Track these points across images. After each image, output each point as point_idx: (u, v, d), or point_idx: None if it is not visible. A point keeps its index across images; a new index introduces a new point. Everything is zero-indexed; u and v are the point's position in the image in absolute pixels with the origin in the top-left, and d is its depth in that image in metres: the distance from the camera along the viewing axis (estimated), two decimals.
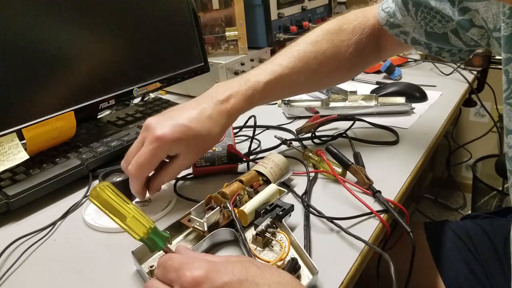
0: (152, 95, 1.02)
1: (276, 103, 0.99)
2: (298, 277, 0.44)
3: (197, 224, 0.50)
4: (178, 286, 0.37)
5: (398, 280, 0.43)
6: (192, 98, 1.04)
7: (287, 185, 0.63)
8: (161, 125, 0.53)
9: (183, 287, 0.36)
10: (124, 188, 0.61)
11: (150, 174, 0.58)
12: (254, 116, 0.85)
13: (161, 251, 0.45)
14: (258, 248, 0.49)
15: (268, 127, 0.86)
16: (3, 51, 0.63)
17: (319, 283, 0.45)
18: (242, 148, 0.76)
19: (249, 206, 0.52)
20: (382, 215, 0.54)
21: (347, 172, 0.64)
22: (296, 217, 0.55)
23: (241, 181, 0.57)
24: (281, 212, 0.51)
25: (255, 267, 0.38)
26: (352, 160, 0.65)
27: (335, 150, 0.66)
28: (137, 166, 0.53)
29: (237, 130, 0.83)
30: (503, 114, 0.50)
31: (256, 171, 0.60)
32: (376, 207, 0.56)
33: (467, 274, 0.74)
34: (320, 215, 0.55)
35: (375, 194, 0.58)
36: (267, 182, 0.59)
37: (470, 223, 0.84)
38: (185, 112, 0.56)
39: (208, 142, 0.58)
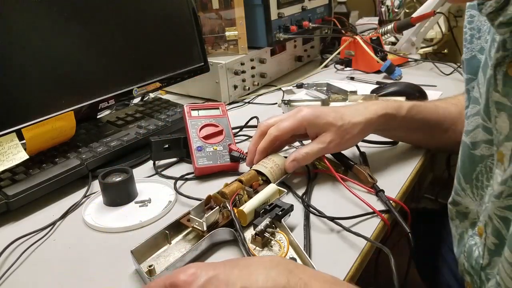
0: (151, 95, 1.02)
1: (276, 103, 0.99)
2: None
3: (196, 223, 0.50)
4: None
5: (398, 273, 0.43)
6: (192, 98, 1.04)
7: (287, 185, 0.63)
8: (308, 107, 0.62)
9: (179, 285, 0.35)
10: (123, 187, 0.62)
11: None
12: (257, 117, 0.85)
13: (161, 249, 0.44)
14: (257, 248, 0.49)
15: None
16: (3, 51, 0.63)
17: None
18: (243, 148, 0.76)
19: (248, 206, 0.52)
20: (383, 215, 0.54)
21: (351, 172, 0.64)
22: (296, 217, 0.55)
23: (240, 181, 0.57)
24: (280, 212, 0.51)
25: (244, 259, 0.42)
26: (355, 160, 0.65)
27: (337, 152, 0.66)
28: (278, 127, 0.61)
29: (237, 130, 0.83)
30: (465, 127, 0.52)
31: (256, 170, 0.60)
32: (377, 206, 0.56)
33: None
34: (320, 214, 0.55)
35: (378, 193, 0.58)
36: (266, 182, 0.59)
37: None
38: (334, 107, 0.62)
39: (348, 128, 0.60)
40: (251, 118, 0.85)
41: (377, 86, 1.03)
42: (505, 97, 0.39)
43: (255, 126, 0.82)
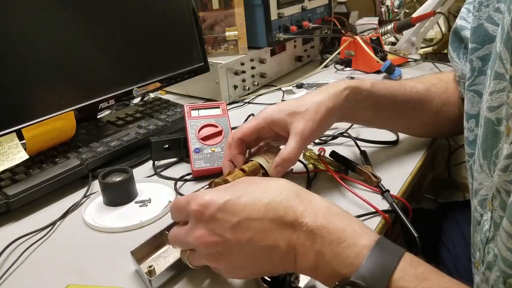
0: (152, 95, 1.02)
1: (276, 103, 0.99)
2: (297, 277, 0.44)
3: None
4: (192, 219, 0.40)
5: None
6: (192, 98, 1.04)
7: None
8: (273, 105, 0.60)
9: (194, 216, 0.40)
10: (123, 187, 0.62)
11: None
12: (253, 114, 0.85)
13: (161, 250, 0.44)
14: None
15: None
16: (3, 51, 0.63)
17: (318, 282, 0.45)
18: None
19: None
20: (385, 214, 0.55)
21: (354, 172, 0.64)
22: None
23: (243, 170, 0.55)
24: None
25: (254, 183, 0.41)
26: (357, 160, 0.65)
27: (339, 154, 0.66)
28: (239, 129, 0.59)
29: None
30: (465, 101, 0.52)
31: (259, 163, 0.58)
32: (377, 204, 0.56)
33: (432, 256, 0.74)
34: None
35: (384, 193, 0.58)
36: (265, 175, 0.58)
37: (442, 211, 0.85)
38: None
39: (314, 109, 0.57)
40: (249, 116, 0.85)
41: None
42: None
43: None
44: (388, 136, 0.77)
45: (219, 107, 0.74)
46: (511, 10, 0.40)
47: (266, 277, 0.44)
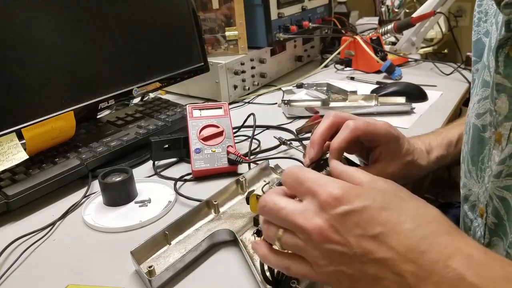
0: (151, 95, 1.02)
1: (276, 103, 0.99)
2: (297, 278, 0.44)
3: None
4: (314, 204, 0.34)
5: None
6: (192, 98, 1.03)
7: None
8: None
9: (321, 205, 0.33)
10: (123, 187, 0.62)
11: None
12: (253, 114, 0.84)
13: (161, 250, 0.44)
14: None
15: (268, 127, 0.86)
16: (2, 51, 0.63)
17: (318, 283, 0.45)
18: (242, 148, 0.76)
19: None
20: None
21: None
22: None
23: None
24: None
25: (399, 198, 0.35)
26: (358, 160, 0.65)
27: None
28: (338, 142, 0.48)
29: (236, 129, 0.82)
30: (469, 106, 0.51)
31: None
32: None
33: None
34: None
35: None
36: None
37: (443, 211, 0.85)
38: None
39: (407, 167, 0.53)
40: (249, 116, 0.84)
41: (377, 86, 1.03)
42: (505, 78, 0.39)
43: (254, 126, 0.81)
44: None
45: (221, 108, 0.74)
46: (498, 22, 0.42)
47: (268, 276, 0.44)
